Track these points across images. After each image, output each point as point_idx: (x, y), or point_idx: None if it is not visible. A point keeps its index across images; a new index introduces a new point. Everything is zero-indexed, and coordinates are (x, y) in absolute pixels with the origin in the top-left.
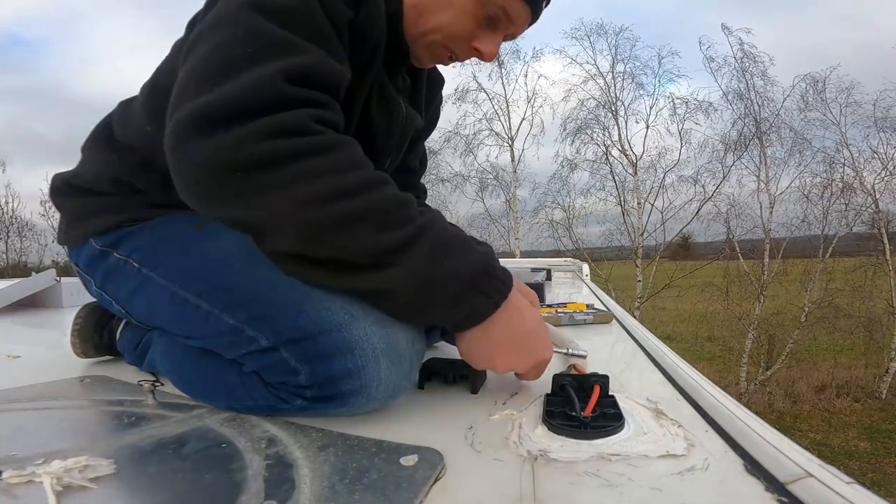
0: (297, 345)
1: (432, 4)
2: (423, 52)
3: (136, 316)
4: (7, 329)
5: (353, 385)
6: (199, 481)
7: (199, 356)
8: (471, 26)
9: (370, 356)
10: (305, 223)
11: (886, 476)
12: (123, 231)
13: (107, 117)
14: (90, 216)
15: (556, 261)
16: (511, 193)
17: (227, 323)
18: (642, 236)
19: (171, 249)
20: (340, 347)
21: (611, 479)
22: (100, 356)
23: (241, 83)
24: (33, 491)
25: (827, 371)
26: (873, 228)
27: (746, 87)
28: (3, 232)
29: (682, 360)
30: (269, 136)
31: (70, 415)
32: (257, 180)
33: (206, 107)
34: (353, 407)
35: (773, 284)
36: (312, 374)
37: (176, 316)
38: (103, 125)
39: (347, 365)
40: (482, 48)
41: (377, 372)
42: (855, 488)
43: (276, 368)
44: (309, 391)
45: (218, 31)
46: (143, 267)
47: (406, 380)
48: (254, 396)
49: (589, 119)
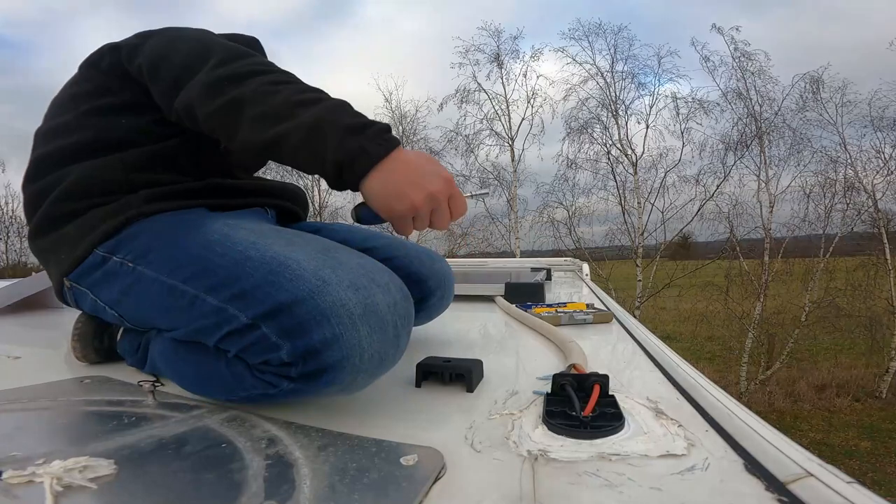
0: (275, 318)
1: None
2: None
3: (127, 316)
4: (7, 329)
5: (334, 356)
6: (199, 481)
7: (190, 352)
8: None
9: (347, 323)
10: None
11: (886, 476)
12: (121, 234)
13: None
14: (91, 229)
15: (556, 260)
16: (511, 193)
17: (211, 304)
18: (642, 236)
19: (161, 243)
20: (316, 316)
21: (611, 479)
22: (99, 361)
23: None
24: (33, 491)
25: (827, 370)
26: (873, 228)
27: (745, 87)
28: (3, 232)
29: (682, 359)
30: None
31: (70, 415)
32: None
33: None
34: (342, 383)
35: (774, 284)
36: (293, 349)
37: (164, 307)
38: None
39: (325, 334)
40: None
41: (357, 339)
42: (855, 488)
43: (257, 347)
44: (293, 369)
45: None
46: (137, 264)
47: (392, 348)
48: (244, 386)
49: (590, 119)
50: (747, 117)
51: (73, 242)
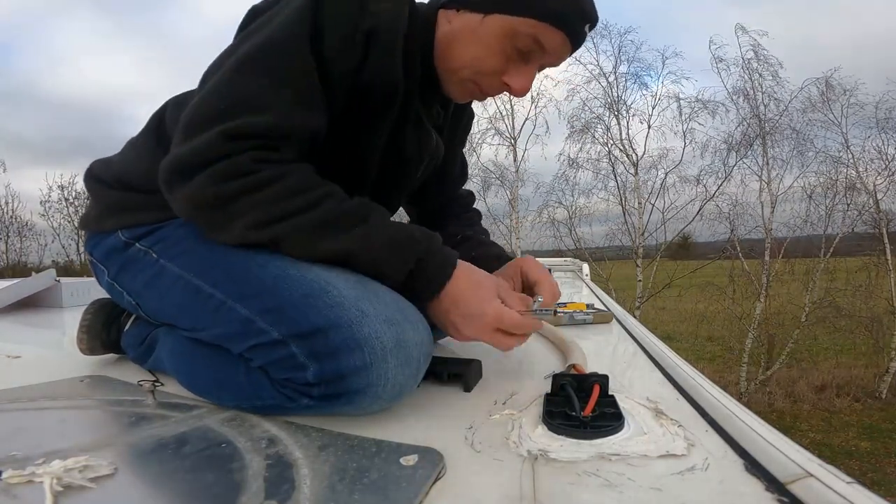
0: (307, 340)
1: (460, 39)
2: (453, 88)
3: (146, 308)
4: (7, 329)
5: (360, 383)
6: (199, 481)
7: (207, 354)
8: (500, 61)
9: (379, 354)
10: (255, 242)
11: (886, 476)
12: (154, 226)
13: (158, 112)
14: (128, 210)
15: (557, 260)
16: (513, 193)
17: (240, 313)
18: (643, 236)
19: (192, 242)
20: (350, 344)
21: (611, 479)
22: (105, 353)
23: (196, 141)
24: (33, 491)
25: (827, 371)
26: (874, 228)
27: (752, 88)
28: (3, 232)
29: (682, 359)
30: (218, 180)
31: (70, 415)
32: (220, 215)
33: (175, 161)
34: (358, 406)
35: (775, 284)
36: (321, 371)
37: (187, 305)
38: (157, 120)
39: (356, 362)
40: (512, 83)
41: (385, 370)
42: (855, 488)
43: (283, 363)
44: (316, 389)
45: (213, 80)
46: (162, 258)
47: (413, 381)
48: (261, 395)
49: (591, 119)
50: (751, 117)
51: (110, 211)
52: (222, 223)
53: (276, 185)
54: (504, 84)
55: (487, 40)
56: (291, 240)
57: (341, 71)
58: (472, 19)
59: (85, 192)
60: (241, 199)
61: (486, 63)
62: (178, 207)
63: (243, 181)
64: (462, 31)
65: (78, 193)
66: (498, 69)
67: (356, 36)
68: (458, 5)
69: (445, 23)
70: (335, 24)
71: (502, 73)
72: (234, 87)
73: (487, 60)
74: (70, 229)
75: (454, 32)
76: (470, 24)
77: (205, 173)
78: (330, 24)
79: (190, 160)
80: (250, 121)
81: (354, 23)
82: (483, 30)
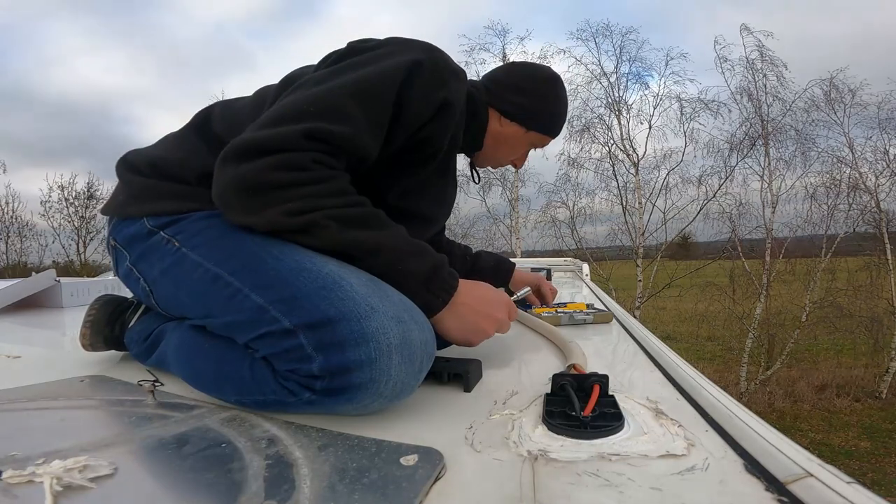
0: (316, 330)
1: (509, 142)
2: (482, 163)
3: (158, 295)
4: (7, 329)
5: (363, 377)
6: (199, 481)
7: (212, 349)
8: (519, 156)
9: (384, 349)
10: (285, 229)
11: (886, 476)
12: (178, 216)
13: (205, 111)
14: (158, 198)
15: (557, 260)
16: (514, 193)
17: (255, 301)
18: (643, 236)
19: (214, 233)
20: (357, 337)
21: (611, 479)
22: (106, 349)
23: (276, 131)
24: (33, 491)
25: (827, 371)
26: (875, 228)
27: (755, 88)
28: (4, 232)
29: (682, 359)
30: (277, 167)
31: (70, 415)
32: (260, 199)
33: (248, 141)
34: (359, 403)
35: (775, 284)
36: (326, 362)
37: (202, 293)
38: (203, 117)
39: (361, 356)
40: (518, 165)
41: (388, 366)
42: (855, 488)
43: (290, 354)
44: (319, 382)
45: (314, 85)
46: (183, 246)
47: (415, 380)
48: (263, 390)
49: (592, 119)
50: (754, 117)
51: (138, 198)
52: (258, 208)
53: (322, 183)
54: (511, 162)
55: (524, 147)
56: (324, 227)
57: (410, 117)
58: (519, 130)
59: (85, 193)
60: (289, 188)
61: (513, 157)
62: (223, 183)
63: (297, 174)
64: (511, 138)
65: (78, 194)
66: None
67: (436, 100)
68: (510, 117)
69: (496, 122)
70: (424, 84)
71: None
72: (328, 100)
73: (514, 156)
74: (70, 229)
75: (505, 136)
76: (517, 133)
77: (269, 158)
78: (420, 82)
79: (263, 143)
80: (329, 127)
81: (437, 90)
82: (524, 139)
